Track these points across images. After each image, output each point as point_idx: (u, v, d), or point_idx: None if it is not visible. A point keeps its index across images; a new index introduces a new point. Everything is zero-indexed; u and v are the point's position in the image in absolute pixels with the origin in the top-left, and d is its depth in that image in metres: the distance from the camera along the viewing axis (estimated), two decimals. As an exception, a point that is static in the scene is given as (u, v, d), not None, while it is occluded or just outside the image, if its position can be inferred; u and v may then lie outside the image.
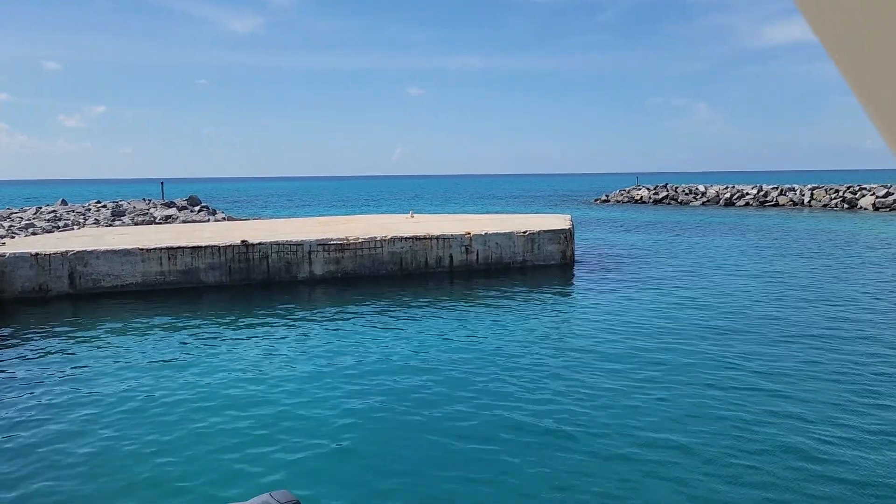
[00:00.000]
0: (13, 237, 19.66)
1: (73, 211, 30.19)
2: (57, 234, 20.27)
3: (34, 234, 21.32)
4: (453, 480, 5.98)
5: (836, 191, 45.52)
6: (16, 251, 14.53)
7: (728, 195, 49.33)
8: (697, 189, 52.27)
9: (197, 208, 34.95)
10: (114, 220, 27.16)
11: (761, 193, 48.05)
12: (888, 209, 40.34)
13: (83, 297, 14.50)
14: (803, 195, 46.52)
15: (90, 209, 31.38)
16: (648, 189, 55.41)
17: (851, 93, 0.80)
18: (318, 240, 16.52)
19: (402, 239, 17.19)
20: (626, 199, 54.97)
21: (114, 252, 14.95)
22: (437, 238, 17.48)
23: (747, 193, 48.83)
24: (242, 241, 15.97)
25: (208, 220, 29.46)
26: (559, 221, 20.49)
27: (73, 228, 23.38)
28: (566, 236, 18.82)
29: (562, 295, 15.11)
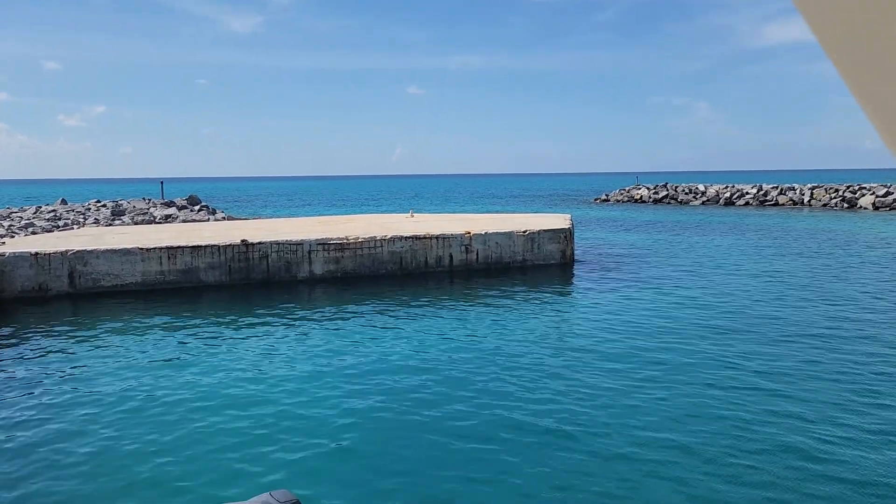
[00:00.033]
0: (13, 236, 19.65)
1: (72, 210, 30.19)
2: (57, 233, 20.26)
3: (34, 233, 21.31)
4: (453, 480, 5.98)
5: (836, 190, 45.53)
6: (16, 250, 14.53)
7: (728, 195, 49.34)
8: (697, 188, 52.28)
9: (197, 208, 34.94)
10: (114, 220, 27.15)
11: (761, 193, 48.06)
12: (888, 208, 40.34)
13: (83, 296, 14.50)
14: (803, 195, 46.52)
15: (90, 209, 31.38)
16: (648, 188, 55.41)
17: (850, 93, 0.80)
18: (317, 239, 16.52)
19: (401, 238, 17.19)
20: (626, 199, 54.97)
21: (114, 251, 14.95)
22: (437, 237, 17.48)
23: (747, 193, 48.82)
24: (242, 241, 15.97)
25: (208, 220, 29.45)
26: (559, 221, 20.49)
27: (72, 228, 23.37)
28: (566, 236, 18.82)
29: (562, 294, 15.11)
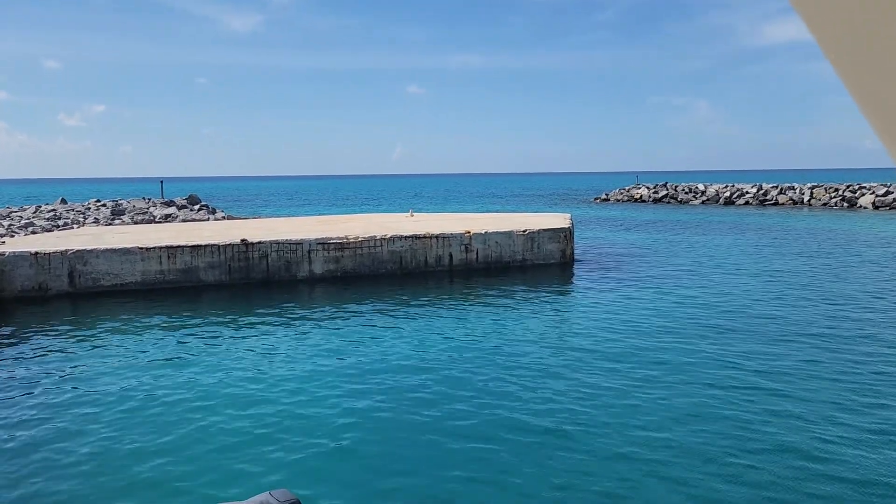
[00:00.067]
0: (13, 236, 19.65)
1: (72, 210, 30.18)
2: (57, 233, 20.26)
3: (34, 232, 21.31)
4: (453, 480, 5.98)
5: (836, 190, 45.53)
6: (15, 250, 14.52)
7: (728, 194, 49.33)
8: (697, 188, 52.27)
9: (196, 207, 34.93)
10: (113, 219, 27.15)
11: (761, 192, 48.05)
12: (888, 208, 40.36)
13: (83, 295, 14.50)
14: (803, 194, 46.52)
15: (90, 208, 31.38)
16: (648, 188, 55.41)
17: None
18: (317, 239, 16.52)
19: (401, 238, 17.18)
20: (626, 198, 54.98)
21: (113, 251, 14.94)
22: (437, 237, 17.47)
23: (747, 192, 48.82)
24: (242, 240, 15.96)
25: (208, 219, 29.45)
26: (559, 220, 20.48)
27: (72, 227, 23.37)
28: (566, 235, 18.82)
29: (561, 294, 15.11)
